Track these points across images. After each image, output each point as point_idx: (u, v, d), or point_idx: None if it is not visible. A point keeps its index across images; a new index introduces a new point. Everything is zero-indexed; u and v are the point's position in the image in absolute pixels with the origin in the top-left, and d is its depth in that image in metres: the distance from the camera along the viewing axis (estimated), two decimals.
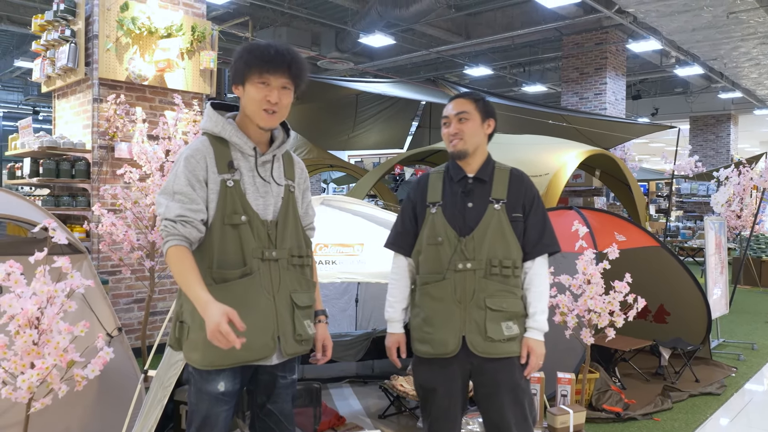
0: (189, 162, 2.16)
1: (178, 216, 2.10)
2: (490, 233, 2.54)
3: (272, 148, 2.29)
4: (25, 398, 2.55)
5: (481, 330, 2.50)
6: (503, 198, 2.60)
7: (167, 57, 5.95)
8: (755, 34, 11.19)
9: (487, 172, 2.65)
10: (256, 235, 2.19)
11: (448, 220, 2.58)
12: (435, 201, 2.64)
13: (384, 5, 11.19)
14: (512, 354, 2.53)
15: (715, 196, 8.61)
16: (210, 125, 2.24)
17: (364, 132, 13.99)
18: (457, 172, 2.65)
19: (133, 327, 5.90)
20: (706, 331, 5.97)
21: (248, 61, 2.14)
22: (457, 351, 2.52)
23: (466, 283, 2.53)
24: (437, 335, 2.54)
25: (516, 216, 2.59)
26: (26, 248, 3.59)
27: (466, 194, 2.61)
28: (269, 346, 2.20)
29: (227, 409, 2.24)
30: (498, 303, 2.52)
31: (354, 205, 4.37)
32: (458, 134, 2.60)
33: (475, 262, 2.53)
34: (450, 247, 2.55)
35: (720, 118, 20.92)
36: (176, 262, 2.06)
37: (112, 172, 5.82)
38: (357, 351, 5.23)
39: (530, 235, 2.60)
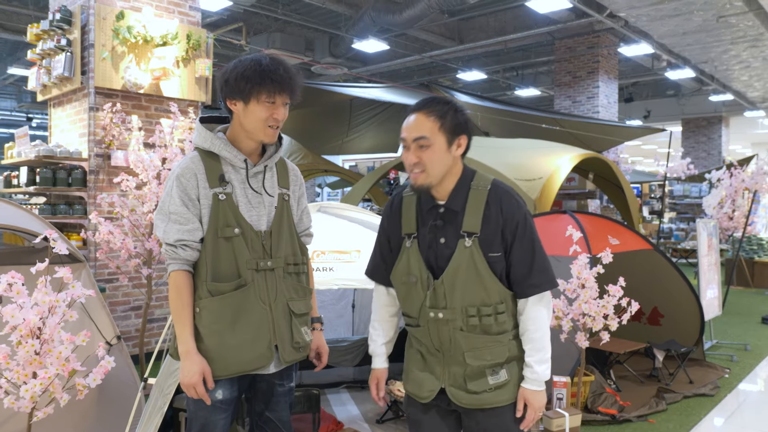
0: (180, 181, 2.19)
1: (177, 241, 2.16)
2: (461, 276, 2.10)
3: (264, 159, 2.31)
4: (27, 408, 2.57)
5: (461, 385, 2.15)
6: (476, 231, 2.11)
7: (163, 65, 5.98)
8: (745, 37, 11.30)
9: (460, 200, 2.15)
10: (250, 247, 2.22)
11: (423, 258, 2.17)
12: (410, 232, 2.21)
13: (377, 11, 11.24)
14: (501, 404, 2.16)
15: (707, 199, 8.68)
16: (200, 141, 2.26)
17: (359, 136, 14.03)
18: (426, 199, 2.20)
19: (131, 335, 5.92)
20: (700, 332, 6.02)
21: (257, 81, 2.13)
22: (430, 399, 2.20)
23: (440, 333, 2.14)
24: (415, 377, 2.25)
25: (493, 256, 2.11)
26: (25, 258, 3.62)
27: (437, 228, 2.16)
28: (266, 356, 2.24)
29: (225, 417, 2.28)
30: (480, 356, 2.13)
31: (350, 211, 4.41)
32: (419, 164, 2.11)
33: (447, 311, 2.11)
34: (422, 289, 2.16)
35: (711, 120, 21.05)
36: (175, 293, 2.15)
37: (109, 181, 5.84)
38: (354, 356, 5.26)
39: (516, 271, 2.14)
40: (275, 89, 2.15)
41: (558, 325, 4.27)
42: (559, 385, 4.30)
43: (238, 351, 2.19)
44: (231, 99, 2.19)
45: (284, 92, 2.17)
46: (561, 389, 4.28)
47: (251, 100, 2.16)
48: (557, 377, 4.33)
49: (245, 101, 2.17)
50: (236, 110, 2.20)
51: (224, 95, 2.20)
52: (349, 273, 3.65)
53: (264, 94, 2.15)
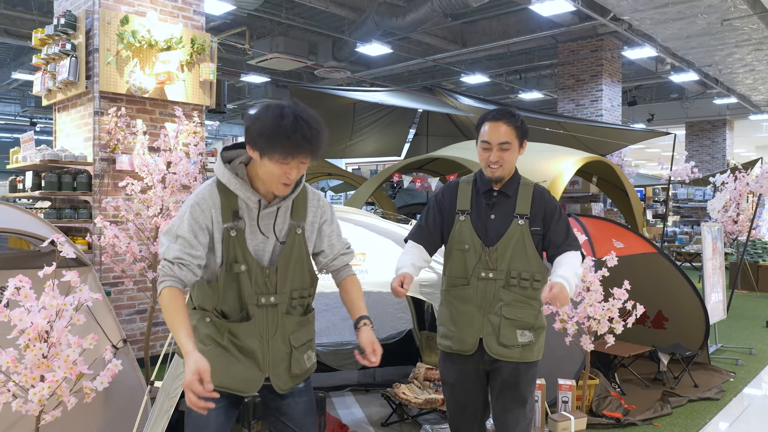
0: (194, 210, 2.19)
1: (176, 258, 2.14)
2: (512, 246, 2.70)
3: (277, 200, 2.26)
4: (35, 411, 2.58)
5: (496, 334, 2.70)
6: (527, 213, 2.74)
7: (167, 69, 6.00)
8: (749, 40, 11.29)
9: (512, 188, 2.78)
10: (254, 282, 2.23)
11: (474, 229, 2.75)
12: (464, 209, 2.79)
13: (380, 14, 11.26)
14: (524, 360, 2.72)
15: (712, 202, 8.67)
16: (219, 175, 2.23)
17: (362, 140, 14.04)
18: (484, 184, 2.79)
19: (136, 338, 5.93)
20: (705, 336, 6.01)
21: (272, 144, 2.06)
22: (473, 350, 2.73)
23: (487, 290, 2.72)
24: (458, 334, 2.75)
25: (536, 230, 2.74)
26: (31, 262, 3.63)
27: (490, 206, 2.76)
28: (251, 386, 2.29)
29: (217, 408, 2.24)
30: (514, 312, 2.70)
31: (356, 215, 4.42)
32: (499, 161, 2.70)
33: (496, 272, 2.70)
34: (475, 255, 2.72)
35: (715, 123, 21.03)
36: (168, 303, 2.12)
37: (114, 185, 5.86)
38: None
39: (555, 240, 2.75)
40: (289, 152, 2.07)
41: (563, 328, 4.27)
42: (564, 388, 4.29)
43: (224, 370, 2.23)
44: (249, 146, 2.13)
45: (300, 154, 2.09)
46: (566, 392, 4.28)
47: (264, 157, 2.09)
48: (562, 380, 4.33)
49: (260, 154, 2.10)
50: (255, 158, 2.14)
51: (246, 138, 2.15)
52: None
53: (277, 155, 2.07)
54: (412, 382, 4.63)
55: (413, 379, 4.67)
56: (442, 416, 4.47)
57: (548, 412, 4.12)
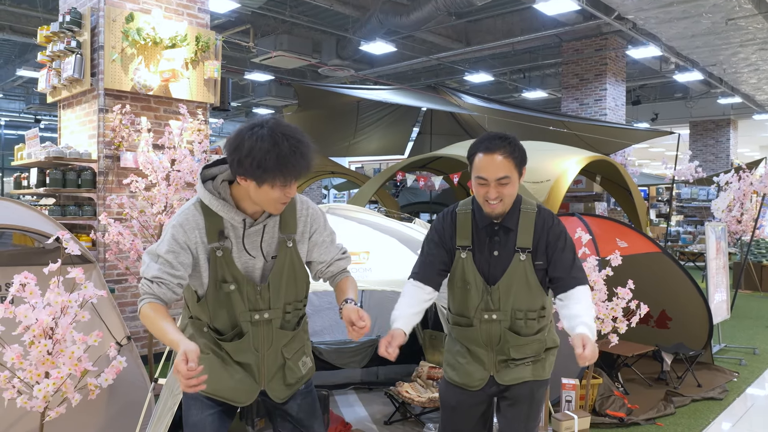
0: (176, 231, 2.15)
1: (155, 277, 2.11)
2: (515, 284, 2.52)
3: (263, 218, 2.22)
4: (40, 407, 2.59)
5: (506, 366, 2.58)
6: (528, 246, 2.54)
7: (172, 67, 6.01)
8: (754, 40, 11.26)
9: (513, 220, 2.56)
10: (246, 299, 2.22)
11: (477, 267, 2.56)
12: (465, 245, 2.59)
13: (385, 13, 11.25)
14: (537, 378, 2.60)
15: (716, 202, 8.65)
16: (202, 196, 2.18)
17: (365, 138, 14.04)
18: (483, 218, 2.57)
19: (140, 335, 5.94)
20: (708, 336, 6.00)
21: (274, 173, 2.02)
22: (481, 387, 2.60)
23: (491, 332, 2.56)
24: (465, 368, 2.61)
25: (539, 264, 2.55)
26: (36, 259, 3.64)
27: (492, 242, 2.56)
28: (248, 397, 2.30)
29: (212, 414, 2.28)
30: (522, 351, 2.57)
31: (359, 213, 4.42)
32: (499, 197, 2.47)
33: (500, 313, 2.54)
34: (477, 294, 2.55)
35: (720, 123, 20.98)
36: (149, 315, 2.09)
37: (118, 182, 5.87)
38: (362, 358, 5.27)
39: (560, 271, 2.54)
40: (293, 176, 2.07)
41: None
42: (567, 387, 4.29)
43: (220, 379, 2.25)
44: (242, 176, 2.07)
45: (301, 175, 2.09)
46: (570, 391, 4.28)
47: (264, 185, 2.06)
48: (566, 380, 4.33)
49: (258, 184, 2.06)
50: (246, 185, 2.09)
51: (234, 171, 2.08)
52: (359, 275, 3.65)
53: (279, 182, 2.05)
54: (415, 381, 4.63)
55: (416, 378, 4.67)
56: None
57: (551, 412, 4.12)
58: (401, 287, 3.51)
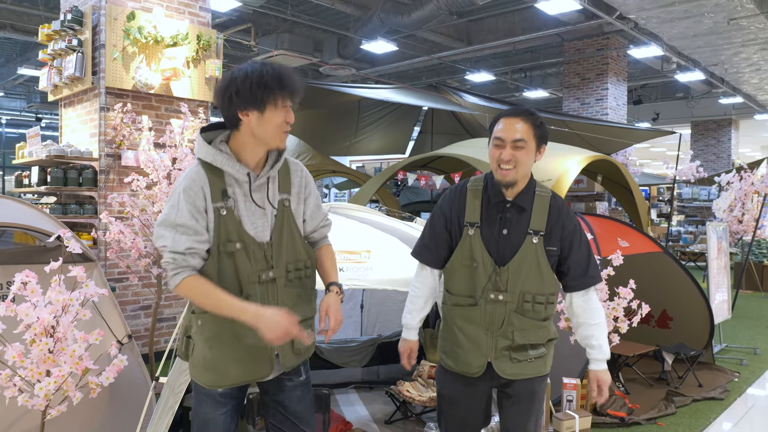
0: (188, 194, 2.14)
1: (188, 249, 2.11)
2: (525, 267, 2.43)
3: (266, 170, 2.26)
4: (41, 406, 2.59)
5: (508, 356, 2.47)
6: (542, 230, 2.46)
7: (173, 66, 6.00)
8: (756, 40, 11.25)
9: (527, 200, 2.48)
10: (253, 259, 2.20)
11: (485, 245, 2.46)
12: (473, 222, 2.49)
13: (386, 12, 11.24)
14: (538, 374, 2.52)
15: (717, 202, 8.65)
16: (203, 154, 2.20)
17: (366, 138, 14.02)
18: (496, 194, 2.49)
19: (140, 334, 5.94)
20: (709, 336, 6.00)
21: (277, 87, 2.11)
22: (480, 374, 2.50)
23: (496, 313, 2.45)
24: (463, 356, 2.51)
25: (552, 250, 2.47)
26: (37, 257, 3.64)
27: (504, 221, 2.47)
28: (266, 367, 2.27)
29: (225, 412, 2.29)
30: (526, 337, 2.47)
31: (360, 212, 4.41)
32: (511, 161, 2.41)
33: (507, 295, 2.43)
34: (485, 274, 2.45)
35: (721, 123, 20.96)
36: (200, 289, 2.11)
37: (119, 180, 5.87)
38: (362, 357, 5.27)
39: (576, 268, 2.49)
40: (290, 93, 2.15)
41: (568, 327, 4.27)
42: (569, 387, 4.29)
43: (239, 363, 2.22)
44: (244, 110, 2.12)
45: (296, 95, 2.17)
46: (571, 391, 4.28)
47: (268, 107, 2.12)
48: (567, 379, 4.32)
49: (261, 109, 2.12)
50: (248, 120, 2.14)
51: (234, 107, 2.12)
52: (359, 273, 3.66)
53: (280, 99, 2.13)
54: (415, 380, 4.63)
55: (417, 377, 4.67)
56: None
57: (553, 411, 4.11)
58: (402, 286, 3.53)
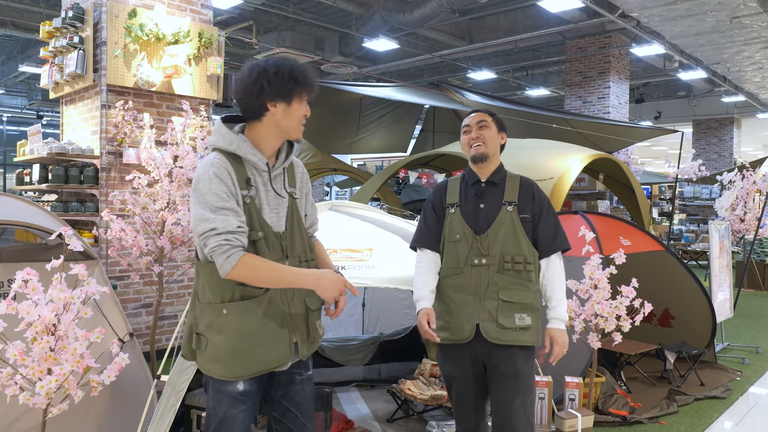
0: (220, 178, 2.15)
1: (239, 227, 2.12)
2: (502, 232, 2.79)
3: (280, 162, 2.33)
4: (42, 404, 2.58)
5: (494, 318, 2.74)
6: (515, 200, 2.84)
7: (175, 63, 5.99)
8: (758, 38, 11.22)
9: (498, 177, 2.91)
10: (271, 249, 2.24)
11: (465, 219, 2.84)
12: (453, 202, 2.91)
13: (388, 10, 11.23)
14: (522, 343, 2.74)
15: (720, 201, 8.64)
16: (224, 143, 2.22)
17: (368, 136, 14.02)
18: (471, 176, 2.92)
19: (142, 332, 5.93)
20: (711, 334, 5.98)
21: (302, 81, 2.24)
22: (471, 337, 2.75)
23: (481, 276, 2.78)
24: (454, 323, 2.79)
25: (525, 217, 2.83)
26: (38, 255, 3.63)
27: (479, 196, 2.88)
28: (287, 354, 2.28)
29: (245, 410, 2.30)
30: (510, 295, 2.76)
31: (362, 210, 4.40)
32: (479, 138, 2.88)
33: (489, 258, 2.78)
34: (467, 244, 2.81)
35: (723, 121, 20.93)
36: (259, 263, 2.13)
37: (121, 178, 5.86)
38: (364, 355, 5.26)
39: (544, 236, 2.83)
40: (312, 89, 2.29)
41: (570, 326, 4.26)
42: (571, 385, 4.28)
43: (263, 350, 2.23)
44: (273, 101, 2.21)
45: (315, 91, 2.32)
46: (573, 390, 4.27)
47: (294, 100, 2.24)
48: (569, 378, 4.32)
49: (288, 101, 2.23)
50: (274, 111, 2.22)
51: (264, 98, 2.20)
52: (361, 272, 3.65)
53: (304, 93, 2.27)
54: (417, 379, 4.62)
55: (419, 376, 4.66)
56: (448, 412, 4.47)
57: (555, 410, 4.11)
58: (404, 284, 3.52)
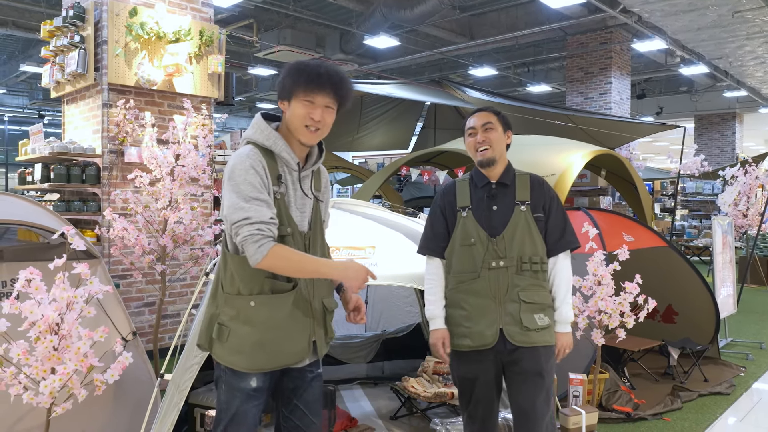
0: (256, 170, 2.17)
1: (272, 218, 2.15)
2: (519, 232, 2.76)
3: (309, 164, 2.35)
4: (46, 403, 2.58)
5: (517, 321, 2.70)
6: (527, 200, 2.81)
7: (176, 61, 5.98)
8: (761, 32, 11.19)
9: (509, 178, 2.86)
10: (296, 247, 2.25)
11: (478, 223, 2.79)
12: (465, 205, 2.85)
13: (388, 7, 11.21)
14: (546, 343, 2.74)
15: (723, 196, 8.62)
16: (261, 137, 2.25)
17: (369, 133, 13.99)
18: (480, 179, 2.87)
19: (145, 330, 5.93)
20: (715, 330, 5.97)
21: (297, 79, 2.20)
22: (494, 342, 2.71)
23: (499, 279, 2.74)
24: (476, 328, 2.73)
25: (538, 216, 2.80)
26: (41, 254, 3.63)
27: (491, 198, 2.82)
28: (306, 351, 2.31)
29: (257, 405, 2.31)
30: (530, 296, 2.74)
31: (365, 207, 4.39)
32: (486, 142, 2.82)
33: (507, 260, 2.74)
34: (482, 247, 2.76)
35: (725, 116, 20.89)
36: (291, 254, 2.15)
37: (122, 177, 5.86)
38: (367, 353, 5.26)
39: (552, 234, 2.82)
40: (310, 87, 2.19)
41: (573, 322, 4.24)
42: (575, 382, 4.27)
43: (287, 345, 2.26)
44: (281, 100, 2.27)
45: (322, 92, 2.20)
46: (577, 386, 4.26)
47: (293, 99, 2.23)
48: (573, 374, 4.31)
49: (289, 100, 2.24)
50: (285, 111, 2.26)
51: (278, 96, 2.29)
52: None
53: (301, 92, 2.20)
54: (421, 376, 4.62)
55: (422, 373, 4.66)
56: (452, 410, 4.46)
57: (559, 407, 4.10)
58: (407, 282, 3.52)
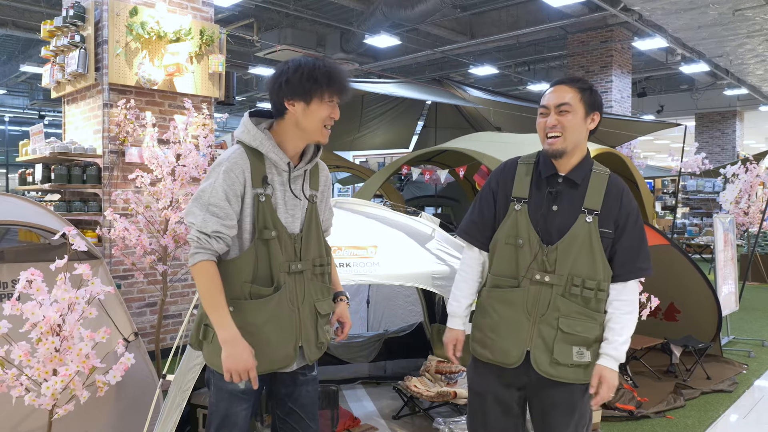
0: (229, 176, 2.17)
1: (215, 232, 2.14)
2: (576, 247, 2.25)
3: (303, 163, 2.32)
4: (48, 405, 2.57)
5: (548, 349, 2.25)
6: (597, 209, 2.28)
7: (176, 61, 5.97)
8: (761, 30, 11.18)
9: (581, 174, 2.32)
10: (284, 249, 2.23)
11: (532, 222, 2.30)
12: (521, 197, 2.34)
13: (389, 6, 11.20)
14: (576, 381, 2.28)
15: (724, 194, 8.61)
16: (248, 138, 2.24)
17: (370, 132, 13.99)
18: (547, 167, 2.34)
19: (146, 331, 5.93)
20: (717, 328, 5.96)
21: (323, 82, 2.17)
22: (518, 363, 2.29)
23: (541, 296, 2.27)
24: (500, 344, 2.32)
25: (606, 232, 2.28)
26: (42, 255, 3.62)
27: (553, 195, 2.30)
28: (291, 356, 2.28)
29: (246, 408, 2.30)
30: (572, 326, 2.25)
31: (366, 207, 4.38)
32: (557, 127, 2.28)
33: (554, 276, 2.25)
34: (530, 252, 2.28)
35: (726, 114, 20.89)
36: (206, 279, 2.12)
37: (123, 177, 5.85)
38: (369, 352, 5.25)
39: (622, 256, 2.30)
40: (337, 90, 2.21)
41: None
42: None
43: (267, 351, 2.22)
44: (290, 99, 2.19)
45: (343, 93, 2.23)
46: None
47: (314, 100, 2.18)
48: None
49: (307, 101, 2.19)
50: (293, 110, 2.20)
51: (282, 95, 2.19)
52: (366, 269, 3.63)
53: (327, 94, 2.19)
54: (423, 375, 4.61)
55: (425, 372, 4.65)
56: (454, 409, 4.46)
57: None
58: (409, 281, 3.51)
